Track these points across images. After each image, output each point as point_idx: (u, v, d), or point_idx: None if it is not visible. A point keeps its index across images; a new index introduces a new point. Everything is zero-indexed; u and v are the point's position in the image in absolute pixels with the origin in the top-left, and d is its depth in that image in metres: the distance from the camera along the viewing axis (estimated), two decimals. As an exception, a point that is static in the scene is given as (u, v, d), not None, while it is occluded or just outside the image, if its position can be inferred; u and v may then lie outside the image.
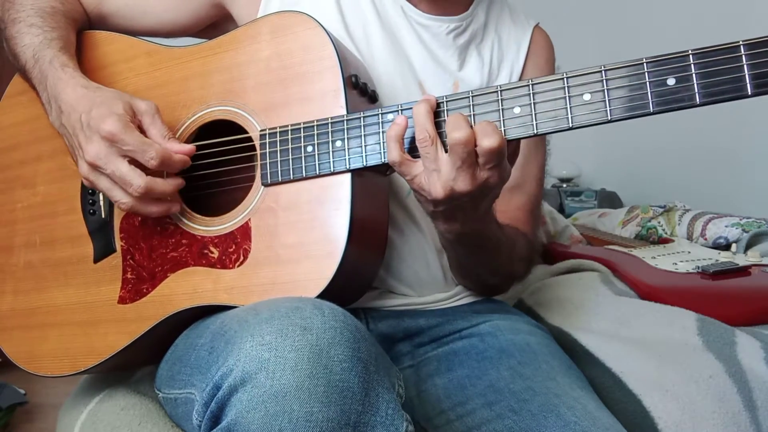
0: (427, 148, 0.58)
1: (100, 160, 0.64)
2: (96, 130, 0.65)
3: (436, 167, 0.58)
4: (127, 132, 0.64)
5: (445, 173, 0.57)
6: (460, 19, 0.80)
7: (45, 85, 0.72)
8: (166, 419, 0.70)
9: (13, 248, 0.80)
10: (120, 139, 0.64)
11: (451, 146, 0.56)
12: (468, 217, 0.63)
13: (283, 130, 0.67)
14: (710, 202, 1.58)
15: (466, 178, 0.57)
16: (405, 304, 0.78)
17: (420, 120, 0.59)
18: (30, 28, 0.75)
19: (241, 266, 0.66)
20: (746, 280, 1.00)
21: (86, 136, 0.66)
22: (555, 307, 0.96)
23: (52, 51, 0.73)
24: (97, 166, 0.65)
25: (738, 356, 0.79)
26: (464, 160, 0.56)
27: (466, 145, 0.56)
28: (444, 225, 0.65)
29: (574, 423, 0.61)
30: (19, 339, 0.77)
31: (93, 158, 0.65)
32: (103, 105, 0.66)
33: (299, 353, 0.47)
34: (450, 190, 0.58)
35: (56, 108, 0.71)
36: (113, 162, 0.64)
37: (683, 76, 0.53)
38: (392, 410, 0.49)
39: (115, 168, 0.64)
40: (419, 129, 0.58)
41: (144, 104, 0.68)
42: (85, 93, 0.69)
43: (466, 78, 0.80)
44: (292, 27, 0.69)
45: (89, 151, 0.65)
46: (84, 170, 0.67)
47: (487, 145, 0.55)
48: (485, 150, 0.56)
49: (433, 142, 0.58)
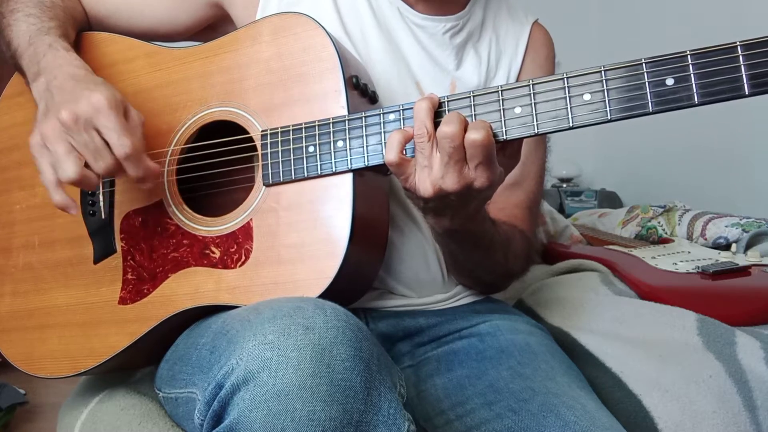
0: (424, 143, 0.58)
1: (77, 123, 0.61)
2: (86, 96, 0.62)
3: (428, 164, 0.58)
4: (114, 111, 0.62)
5: (435, 170, 0.58)
6: (457, 18, 0.81)
7: (38, 61, 0.70)
8: (166, 419, 0.70)
9: (12, 250, 0.80)
10: (106, 113, 0.62)
11: (439, 140, 0.57)
12: (457, 214, 0.64)
13: (285, 130, 0.67)
14: (710, 202, 1.58)
15: (453, 176, 0.57)
16: (405, 304, 0.78)
17: (420, 116, 0.59)
18: (28, 17, 0.75)
19: (242, 266, 0.66)
20: (746, 280, 1.00)
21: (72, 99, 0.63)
22: (555, 307, 0.97)
23: (51, 37, 0.72)
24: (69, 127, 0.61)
25: (738, 356, 0.79)
26: (451, 155, 0.56)
27: (453, 139, 0.56)
28: (433, 219, 0.66)
29: (573, 423, 0.61)
30: (17, 341, 0.77)
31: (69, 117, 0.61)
32: (104, 86, 0.65)
33: (302, 352, 0.47)
34: (438, 188, 0.58)
35: (50, 77, 0.67)
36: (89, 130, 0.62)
37: (682, 77, 0.53)
38: (394, 409, 0.49)
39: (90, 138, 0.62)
40: (418, 124, 0.59)
41: (136, 112, 0.66)
42: (89, 74, 0.68)
43: (463, 77, 0.81)
44: (293, 28, 0.69)
45: (68, 109, 0.61)
46: (47, 126, 0.62)
47: (472, 138, 0.56)
48: (470, 142, 0.56)
49: (430, 138, 0.58)
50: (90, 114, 0.62)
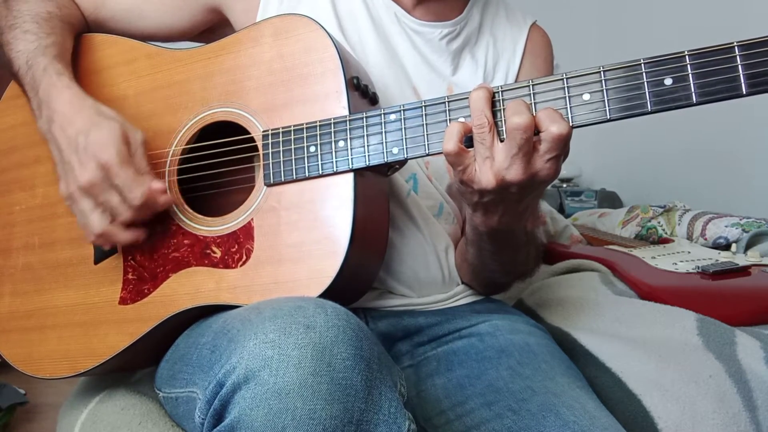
0: (484, 134, 0.57)
1: (95, 187, 0.66)
2: (93, 156, 0.66)
3: (489, 155, 0.57)
4: (123, 167, 0.66)
5: (499, 161, 0.56)
6: (454, 24, 0.81)
7: (37, 91, 0.72)
8: (166, 419, 0.70)
9: (12, 250, 0.80)
10: (115, 173, 0.66)
11: (510, 132, 0.55)
12: (508, 210, 0.62)
13: (286, 131, 0.67)
14: (710, 202, 1.58)
15: (520, 167, 0.56)
16: (404, 304, 0.78)
17: (478, 105, 0.57)
18: (25, 34, 0.75)
19: (243, 266, 0.66)
20: (746, 280, 1.00)
21: (80, 160, 0.67)
22: (555, 307, 0.97)
23: (47, 59, 0.73)
24: (90, 192, 0.67)
25: (738, 356, 0.79)
26: (521, 147, 0.55)
27: (526, 131, 0.54)
28: (482, 217, 0.65)
29: (573, 422, 0.61)
30: (17, 341, 0.77)
31: (87, 184, 0.66)
32: (103, 130, 0.67)
33: (302, 351, 0.48)
34: (501, 179, 0.57)
35: (47, 115, 0.71)
36: (107, 192, 0.66)
37: (680, 76, 0.53)
38: (395, 409, 0.50)
39: (108, 198, 0.67)
40: (477, 114, 0.57)
41: (134, 136, 0.68)
42: (82, 108, 0.69)
43: (459, 83, 0.81)
44: (295, 29, 0.69)
45: (83, 176, 0.66)
46: (71, 188, 0.68)
47: (555, 131, 0.54)
48: (553, 136, 0.54)
49: (491, 128, 0.57)
50: (102, 178, 0.66)
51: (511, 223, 0.65)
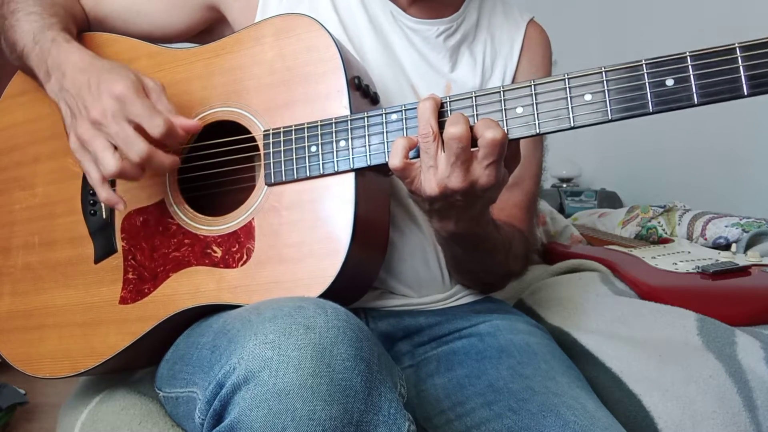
0: (429, 143, 0.58)
1: (106, 118, 0.63)
2: (106, 89, 0.64)
3: (433, 164, 0.58)
4: (138, 97, 0.63)
5: (441, 170, 0.58)
6: (450, 21, 0.81)
7: (45, 60, 0.71)
8: (166, 419, 0.70)
9: (11, 249, 0.80)
10: (131, 101, 0.63)
11: (447, 141, 0.57)
12: (462, 216, 0.64)
13: (287, 130, 0.67)
14: (710, 202, 1.58)
15: (459, 174, 0.57)
16: (405, 304, 0.78)
17: (425, 116, 0.59)
18: (29, 15, 0.75)
19: (244, 265, 0.66)
20: (746, 280, 1.00)
21: (94, 95, 0.64)
22: (555, 307, 0.97)
23: (53, 32, 0.73)
24: (100, 123, 0.63)
25: (738, 356, 0.79)
26: (458, 155, 0.57)
27: (461, 140, 0.56)
28: (438, 223, 0.66)
29: (573, 422, 0.61)
30: (17, 341, 0.77)
31: (99, 115, 0.63)
32: (114, 71, 0.66)
33: (302, 352, 0.47)
34: (444, 186, 0.58)
35: (59, 74, 0.69)
36: (120, 122, 0.63)
37: (681, 77, 0.54)
38: (395, 409, 0.50)
39: (120, 128, 0.62)
40: (423, 124, 0.59)
41: (152, 82, 0.67)
42: (93, 60, 0.68)
43: (458, 79, 0.81)
44: (296, 29, 0.69)
45: (95, 108, 0.63)
46: (81, 129, 0.64)
47: (489, 136, 0.56)
48: (488, 141, 0.56)
49: (435, 138, 0.58)
50: (116, 107, 0.63)
51: (472, 228, 0.66)
